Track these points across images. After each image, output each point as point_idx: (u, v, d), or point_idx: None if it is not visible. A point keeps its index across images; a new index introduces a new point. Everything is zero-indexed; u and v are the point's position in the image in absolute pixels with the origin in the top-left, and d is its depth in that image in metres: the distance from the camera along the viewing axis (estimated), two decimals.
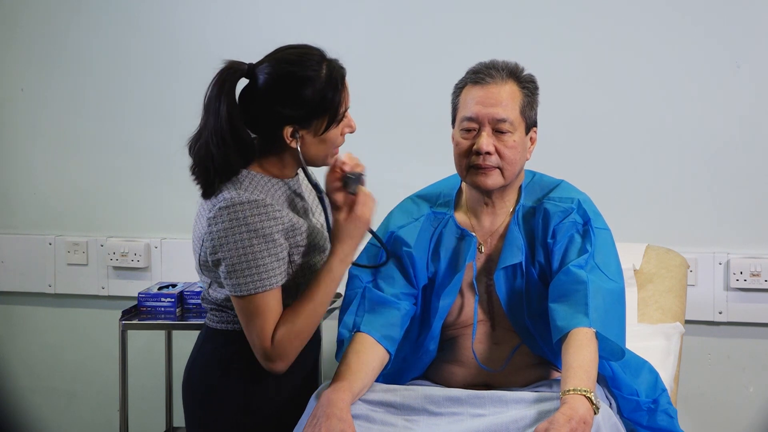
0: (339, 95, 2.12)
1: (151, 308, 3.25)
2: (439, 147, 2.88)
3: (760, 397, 3.28)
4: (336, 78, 2.13)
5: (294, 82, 2.10)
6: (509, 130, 2.19)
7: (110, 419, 3.62)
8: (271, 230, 2.08)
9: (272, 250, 2.08)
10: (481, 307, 2.27)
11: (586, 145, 3.31)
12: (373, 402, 2.12)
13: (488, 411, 2.05)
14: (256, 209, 2.08)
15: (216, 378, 2.21)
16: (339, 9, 3.48)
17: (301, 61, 2.12)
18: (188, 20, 3.60)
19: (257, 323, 2.10)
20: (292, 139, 2.12)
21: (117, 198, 3.69)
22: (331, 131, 2.13)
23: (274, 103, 2.10)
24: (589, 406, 1.96)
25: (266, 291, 2.09)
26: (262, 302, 2.09)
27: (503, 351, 2.25)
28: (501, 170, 2.21)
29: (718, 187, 3.25)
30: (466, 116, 2.21)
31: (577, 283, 2.13)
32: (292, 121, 2.10)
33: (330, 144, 2.15)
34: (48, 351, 3.79)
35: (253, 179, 2.14)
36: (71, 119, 3.70)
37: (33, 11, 3.70)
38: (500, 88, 2.20)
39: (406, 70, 3.43)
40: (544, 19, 3.34)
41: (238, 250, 2.07)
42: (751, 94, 3.22)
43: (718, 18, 3.22)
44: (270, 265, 2.08)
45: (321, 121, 2.12)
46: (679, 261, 3.10)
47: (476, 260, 2.28)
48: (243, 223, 2.07)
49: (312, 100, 2.09)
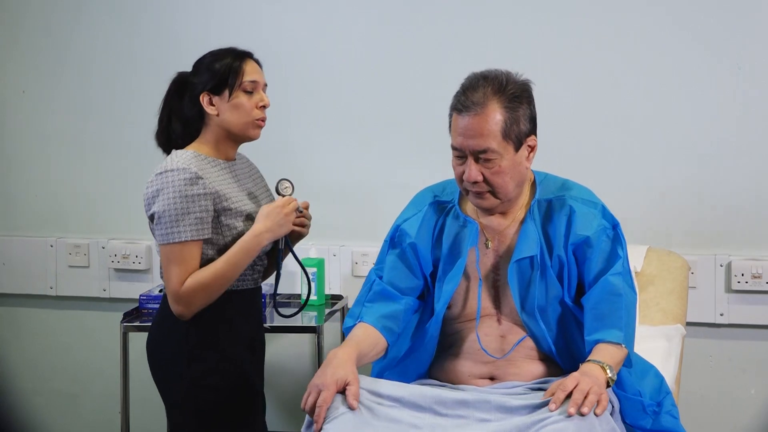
0: (239, 66, 2.55)
1: (153, 310, 3.25)
2: (438, 148, 2.91)
3: (761, 399, 3.28)
4: (237, 55, 2.58)
5: (205, 58, 2.62)
6: (493, 158, 2.21)
7: (112, 421, 3.62)
8: (194, 193, 2.46)
9: (192, 208, 2.46)
10: (487, 302, 2.30)
11: (587, 147, 3.31)
12: (381, 395, 2.15)
13: (493, 417, 2.07)
14: (183, 175, 2.47)
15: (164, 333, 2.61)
16: (339, 12, 3.48)
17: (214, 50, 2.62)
18: (190, 23, 3.60)
19: (173, 269, 2.46)
20: (209, 106, 2.55)
21: (118, 200, 3.69)
22: (239, 98, 2.54)
23: (192, 77, 2.60)
24: (602, 372, 2.09)
25: (183, 242, 2.46)
26: (179, 251, 2.46)
27: (509, 343, 2.28)
28: (493, 194, 2.25)
29: (720, 189, 3.25)
30: (453, 145, 2.25)
31: (614, 295, 2.22)
32: (204, 88, 2.55)
33: (243, 112, 2.55)
34: (49, 353, 3.79)
35: (188, 155, 2.52)
36: (73, 121, 3.70)
37: (35, 13, 3.70)
38: (480, 117, 2.19)
39: (406, 70, 3.44)
40: (544, 20, 3.34)
41: (163, 206, 2.46)
42: (752, 95, 3.22)
43: (719, 19, 3.22)
44: (187, 221, 2.46)
45: (226, 88, 2.55)
46: (680, 263, 3.10)
47: (484, 255, 2.31)
48: (171, 186, 2.47)
49: (215, 69, 2.55)
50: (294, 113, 3.49)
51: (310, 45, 3.49)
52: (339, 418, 2.07)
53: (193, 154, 2.54)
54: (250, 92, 2.57)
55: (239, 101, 2.55)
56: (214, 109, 2.56)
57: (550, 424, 1.98)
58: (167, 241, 2.47)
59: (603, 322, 2.20)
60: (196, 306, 2.48)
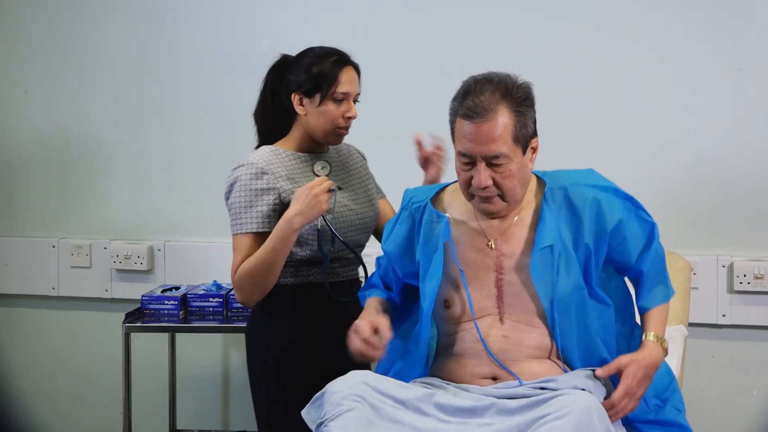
0: (335, 75, 2.58)
1: (155, 311, 3.26)
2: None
3: (763, 400, 3.28)
4: (336, 61, 2.60)
5: (305, 57, 2.63)
6: (504, 162, 2.21)
7: (113, 422, 3.62)
8: (258, 187, 2.55)
9: (255, 202, 2.55)
10: (489, 302, 2.30)
11: (588, 148, 3.31)
12: (386, 394, 2.16)
13: (494, 420, 2.10)
14: (250, 170, 2.57)
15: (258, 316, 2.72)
16: (340, 14, 3.49)
17: (315, 48, 2.65)
18: (192, 24, 3.61)
19: (234, 258, 2.57)
20: (299, 106, 2.60)
21: (120, 201, 3.69)
22: (328, 106, 2.57)
23: (290, 71, 2.63)
24: (661, 351, 2.27)
25: (243, 234, 2.55)
26: (239, 241, 2.57)
27: (512, 343, 2.28)
28: (501, 197, 2.25)
29: (722, 190, 3.25)
30: (461, 152, 2.24)
31: (660, 258, 2.38)
32: (297, 88, 2.60)
33: (328, 120, 2.59)
34: (51, 353, 3.79)
35: (263, 151, 2.62)
36: (74, 122, 3.71)
37: (36, 14, 3.71)
38: (491, 123, 2.19)
39: (407, 71, 3.44)
40: (544, 21, 3.35)
41: (232, 199, 2.58)
42: (754, 95, 3.22)
43: (720, 20, 3.22)
44: (250, 214, 2.55)
45: (318, 93, 2.58)
46: (682, 264, 3.10)
47: (486, 256, 2.31)
48: (240, 180, 2.57)
49: (312, 73, 2.59)
50: None
51: (310, 44, 3.49)
52: (343, 416, 2.09)
53: (271, 149, 2.62)
54: (340, 101, 2.60)
55: (327, 109, 2.59)
56: (303, 110, 2.62)
57: (549, 421, 2.00)
58: (233, 232, 2.57)
59: (656, 282, 2.35)
60: (247, 292, 2.55)
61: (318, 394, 2.21)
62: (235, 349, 3.65)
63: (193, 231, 3.66)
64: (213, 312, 3.29)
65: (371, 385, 2.15)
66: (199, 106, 3.62)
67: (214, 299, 3.29)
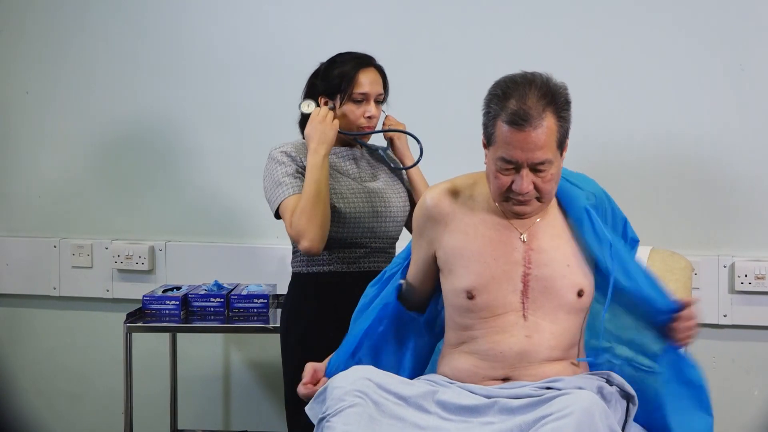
0: (353, 77, 2.72)
1: (156, 311, 3.25)
2: (438, 148, 2.92)
3: (765, 400, 3.28)
4: (356, 64, 2.73)
5: (330, 61, 2.78)
6: (547, 168, 2.21)
7: (115, 422, 3.62)
8: (284, 160, 2.70)
9: (286, 173, 2.68)
10: (514, 296, 2.28)
11: (589, 148, 3.31)
12: (389, 390, 2.16)
13: (497, 419, 2.10)
14: (281, 151, 2.73)
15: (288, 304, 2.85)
16: (345, 14, 3.49)
17: (343, 53, 2.78)
18: (194, 25, 3.61)
19: (285, 221, 2.67)
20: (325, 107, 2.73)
21: (121, 201, 3.69)
22: (347, 107, 2.73)
23: (316, 76, 2.79)
24: None
25: (284, 200, 2.66)
26: (283, 208, 2.67)
27: (533, 344, 2.26)
28: (538, 199, 2.26)
29: (723, 190, 3.25)
30: (505, 158, 2.20)
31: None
32: (322, 91, 2.76)
33: (349, 120, 2.75)
34: (52, 353, 3.79)
35: (294, 140, 2.79)
36: (76, 122, 3.71)
37: (38, 14, 3.71)
38: (539, 131, 2.17)
39: (407, 71, 3.44)
40: (545, 22, 3.35)
41: (266, 182, 2.72)
42: (755, 95, 3.22)
43: (721, 20, 3.22)
44: (284, 180, 2.68)
45: (339, 94, 2.74)
46: (683, 264, 3.10)
47: (514, 250, 2.30)
48: (271, 160, 2.73)
49: (332, 76, 2.74)
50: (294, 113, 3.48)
51: (311, 45, 3.49)
52: (345, 411, 2.09)
53: (302, 141, 2.76)
54: (360, 101, 2.74)
55: (347, 109, 2.75)
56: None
57: (551, 421, 1.99)
58: (276, 205, 2.68)
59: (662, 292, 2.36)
60: (309, 231, 2.62)
61: (321, 389, 2.22)
62: (236, 350, 3.65)
63: (194, 231, 3.66)
64: (214, 312, 3.29)
65: (374, 380, 2.15)
66: (200, 106, 3.62)
67: (215, 299, 3.29)
